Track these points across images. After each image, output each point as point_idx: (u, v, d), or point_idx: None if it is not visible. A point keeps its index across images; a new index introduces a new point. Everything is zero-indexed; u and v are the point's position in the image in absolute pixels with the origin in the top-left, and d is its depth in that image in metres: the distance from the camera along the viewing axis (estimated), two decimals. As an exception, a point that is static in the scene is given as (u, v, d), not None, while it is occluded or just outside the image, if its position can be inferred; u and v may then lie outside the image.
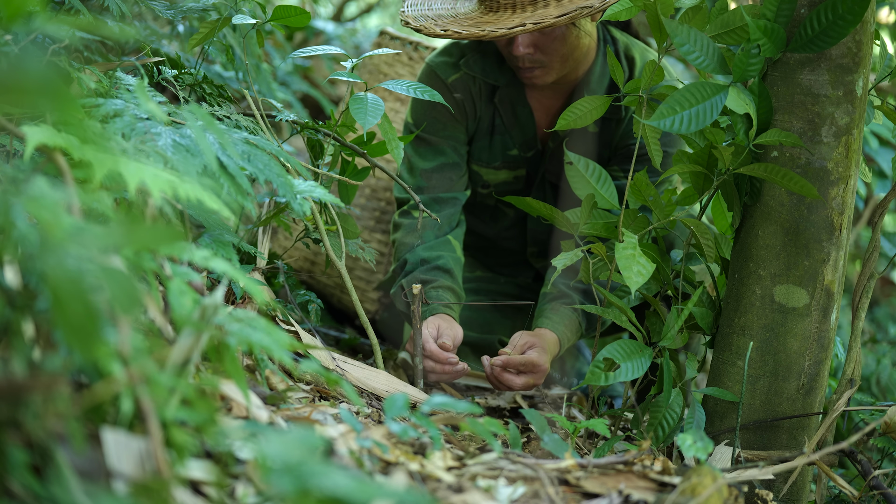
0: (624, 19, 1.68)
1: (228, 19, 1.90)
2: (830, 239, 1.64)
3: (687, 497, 1.21)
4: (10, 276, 0.99)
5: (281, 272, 1.97)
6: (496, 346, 2.31)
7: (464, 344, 2.30)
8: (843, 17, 1.51)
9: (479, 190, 2.39)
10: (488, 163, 2.34)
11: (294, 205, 1.50)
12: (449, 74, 2.27)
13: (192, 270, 1.20)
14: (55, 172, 1.11)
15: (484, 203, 2.43)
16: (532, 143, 2.32)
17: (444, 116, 2.26)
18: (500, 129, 2.33)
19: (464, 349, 2.31)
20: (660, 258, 1.76)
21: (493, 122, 2.32)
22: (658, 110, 1.51)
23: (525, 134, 2.32)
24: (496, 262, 2.55)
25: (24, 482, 0.86)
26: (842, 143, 1.61)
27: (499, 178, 2.37)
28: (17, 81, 0.85)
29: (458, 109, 2.26)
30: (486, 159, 2.34)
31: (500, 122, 2.32)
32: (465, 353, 2.31)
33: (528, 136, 2.31)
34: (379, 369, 1.87)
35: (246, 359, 1.51)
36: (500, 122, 2.32)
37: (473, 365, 2.30)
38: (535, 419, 1.55)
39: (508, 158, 2.34)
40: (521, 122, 2.30)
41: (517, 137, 2.32)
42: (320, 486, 0.87)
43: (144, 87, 1.39)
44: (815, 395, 1.69)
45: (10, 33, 1.54)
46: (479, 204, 2.44)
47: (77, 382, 1.00)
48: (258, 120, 1.85)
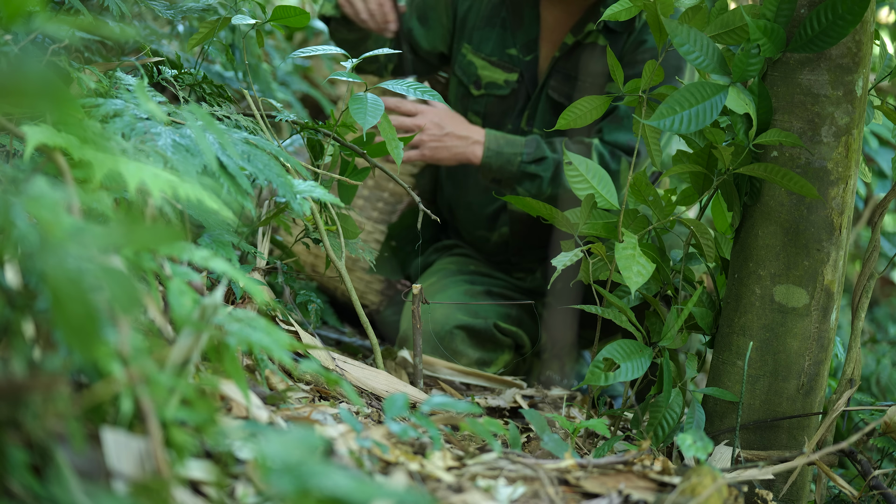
0: (624, 19, 1.68)
1: (228, 19, 1.90)
2: (830, 239, 1.64)
3: (687, 497, 1.21)
4: (10, 276, 0.99)
5: (280, 272, 1.97)
6: (492, 331, 2.32)
7: (459, 328, 2.30)
8: (843, 17, 1.51)
9: (471, 90, 2.40)
10: (487, 55, 2.36)
11: (294, 205, 1.50)
12: None
13: (191, 270, 1.20)
14: (55, 172, 1.11)
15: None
16: (533, 46, 2.33)
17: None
18: (503, 22, 2.35)
19: (459, 334, 2.30)
20: (660, 258, 1.76)
21: (499, 14, 2.34)
22: (658, 110, 1.51)
23: (528, 35, 2.33)
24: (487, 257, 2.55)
25: (24, 482, 0.86)
26: (842, 143, 1.61)
27: (492, 76, 2.38)
28: (16, 82, 0.85)
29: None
30: (485, 52, 2.37)
31: (507, 17, 2.34)
32: (460, 338, 2.30)
33: (531, 37, 2.33)
34: (379, 369, 1.87)
35: (246, 359, 1.51)
36: (507, 17, 2.34)
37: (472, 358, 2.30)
38: (534, 419, 1.55)
39: (505, 57, 2.35)
40: (526, 24, 2.32)
41: (520, 38, 2.33)
42: (320, 486, 0.87)
43: (144, 87, 1.39)
44: (815, 395, 1.69)
45: (10, 33, 1.54)
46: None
47: (77, 382, 1.00)
48: (258, 120, 1.85)
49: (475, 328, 2.31)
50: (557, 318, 2.43)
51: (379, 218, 2.64)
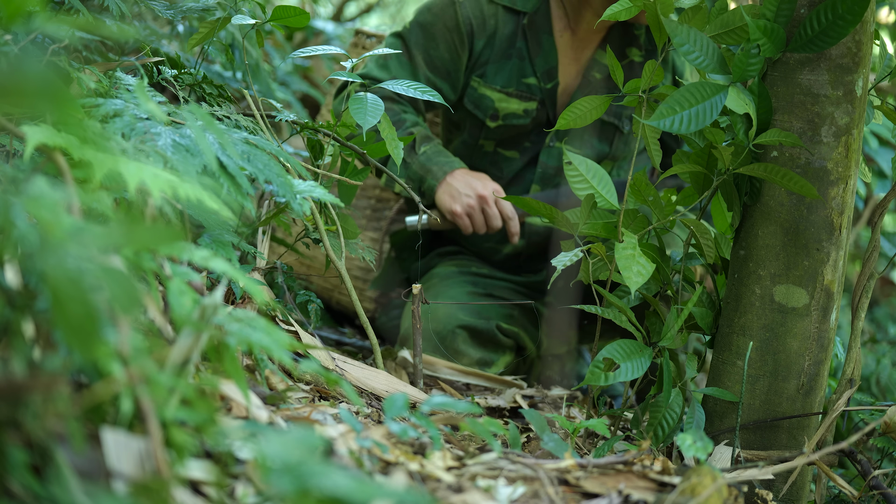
0: (624, 19, 1.68)
1: (228, 19, 1.90)
2: (830, 239, 1.64)
3: (687, 497, 1.21)
4: (10, 276, 0.99)
5: (280, 272, 1.97)
6: (494, 332, 2.32)
7: (461, 328, 2.30)
8: (843, 17, 1.51)
9: (487, 123, 2.39)
10: (503, 87, 2.35)
11: (294, 205, 1.50)
12: None
13: (191, 270, 1.20)
14: (55, 172, 1.11)
15: (482, 151, 2.42)
16: (553, 73, 2.33)
17: (439, 34, 2.28)
18: (519, 52, 2.34)
19: (461, 333, 2.30)
20: (660, 258, 1.76)
21: (514, 44, 2.33)
22: (658, 110, 1.51)
23: (548, 62, 2.33)
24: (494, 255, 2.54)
25: (24, 482, 0.86)
26: (841, 143, 1.61)
27: (510, 107, 2.36)
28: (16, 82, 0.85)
29: (462, 28, 2.29)
30: (501, 83, 2.35)
31: (523, 47, 2.33)
32: (462, 338, 2.30)
33: (552, 64, 2.32)
34: (379, 369, 1.87)
35: (246, 359, 1.51)
36: (523, 47, 2.33)
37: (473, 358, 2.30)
38: (534, 419, 1.55)
39: (522, 86, 2.34)
40: (545, 51, 2.32)
41: (539, 65, 2.32)
42: (320, 486, 0.87)
43: (144, 87, 1.39)
44: (815, 395, 1.69)
45: (10, 33, 1.54)
46: (478, 151, 2.43)
47: (77, 382, 1.00)
48: (258, 120, 1.85)
49: (477, 328, 2.31)
50: (558, 318, 2.43)
51: (367, 225, 2.64)
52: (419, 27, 2.34)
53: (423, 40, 2.33)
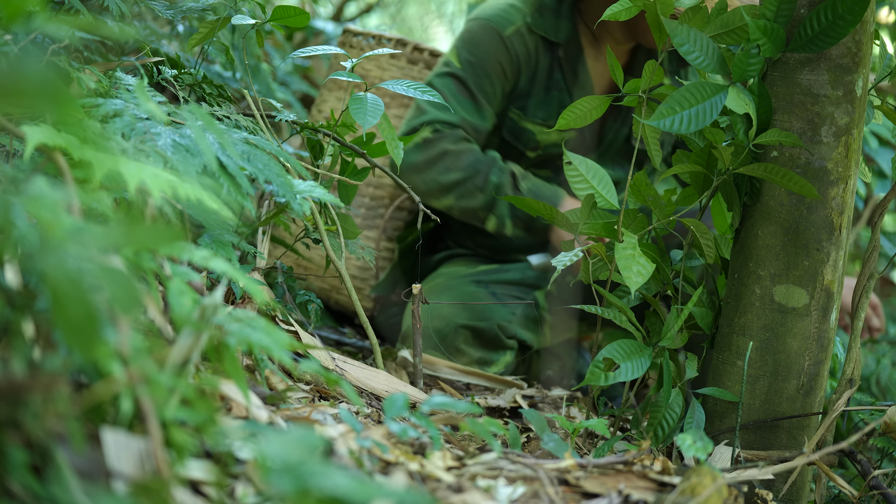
0: (624, 19, 1.68)
1: (228, 19, 1.90)
2: (830, 239, 1.64)
3: (687, 497, 1.21)
4: (10, 276, 0.99)
5: (280, 272, 1.97)
6: (496, 332, 2.32)
7: (463, 327, 2.31)
8: (843, 17, 1.51)
9: (527, 153, 2.40)
10: (544, 120, 2.36)
11: (294, 205, 1.50)
12: (506, 27, 2.29)
13: (191, 270, 1.20)
14: (55, 172, 1.11)
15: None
16: None
17: (493, 70, 2.28)
18: (558, 84, 2.35)
19: (463, 333, 2.31)
20: (660, 258, 1.76)
21: (552, 76, 2.34)
22: (658, 110, 1.51)
23: (584, 90, 2.34)
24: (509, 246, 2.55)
25: (24, 482, 0.86)
26: (841, 143, 1.61)
27: (549, 138, 2.38)
28: (16, 82, 0.85)
29: (513, 64, 2.29)
30: (542, 116, 2.36)
31: (560, 79, 2.34)
32: (463, 338, 2.31)
33: (587, 91, 2.35)
34: (379, 369, 1.87)
35: (246, 359, 1.51)
36: (560, 79, 2.34)
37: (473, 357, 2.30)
38: (534, 419, 1.55)
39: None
40: (581, 79, 2.33)
41: (576, 94, 2.34)
42: (320, 486, 0.87)
43: (144, 87, 1.39)
44: (815, 395, 1.69)
45: (10, 33, 1.54)
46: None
47: (77, 382, 1.00)
48: (258, 120, 1.85)
49: (479, 328, 2.31)
50: (558, 317, 2.44)
51: (363, 224, 2.64)
52: (471, 66, 2.34)
53: (476, 79, 2.35)
